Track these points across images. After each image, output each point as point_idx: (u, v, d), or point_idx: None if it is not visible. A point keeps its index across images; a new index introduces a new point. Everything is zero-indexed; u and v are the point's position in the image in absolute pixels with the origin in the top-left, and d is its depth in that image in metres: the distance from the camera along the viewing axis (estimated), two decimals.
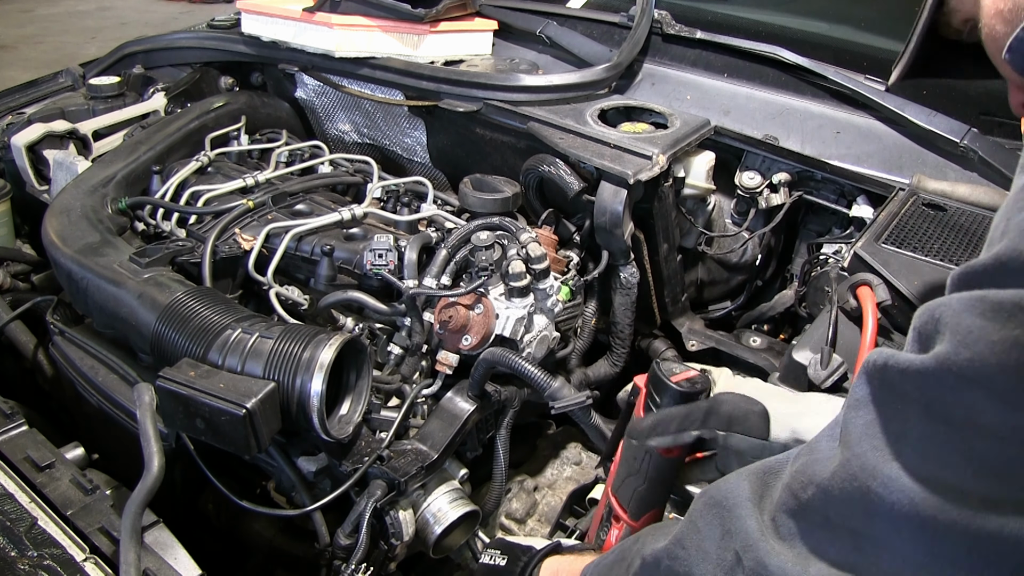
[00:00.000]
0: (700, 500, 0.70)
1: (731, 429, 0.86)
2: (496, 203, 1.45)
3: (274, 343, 1.07)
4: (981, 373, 0.48)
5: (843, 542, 0.56)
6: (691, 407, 0.89)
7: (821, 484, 0.57)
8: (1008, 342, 0.47)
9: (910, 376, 0.52)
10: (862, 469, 0.54)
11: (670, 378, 0.91)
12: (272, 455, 1.14)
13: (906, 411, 0.53)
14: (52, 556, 0.90)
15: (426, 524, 1.18)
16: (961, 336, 0.49)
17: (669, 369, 0.93)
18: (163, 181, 1.59)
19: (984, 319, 0.48)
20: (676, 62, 1.80)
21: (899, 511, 0.52)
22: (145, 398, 1.11)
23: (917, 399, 0.52)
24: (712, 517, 0.67)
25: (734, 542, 0.63)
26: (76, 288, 1.27)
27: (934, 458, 0.51)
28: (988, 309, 0.48)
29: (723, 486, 0.68)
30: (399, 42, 1.78)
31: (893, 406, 0.54)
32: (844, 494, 0.55)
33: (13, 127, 1.83)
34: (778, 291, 1.71)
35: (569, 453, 1.61)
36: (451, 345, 1.27)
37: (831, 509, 0.57)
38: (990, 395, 0.48)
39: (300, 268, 1.42)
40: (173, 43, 2.09)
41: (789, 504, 0.61)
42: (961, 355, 0.49)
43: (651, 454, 0.93)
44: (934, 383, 0.51)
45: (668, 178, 1.47)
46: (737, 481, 0.67)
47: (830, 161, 1.49)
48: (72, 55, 4.79)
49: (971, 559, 0.49)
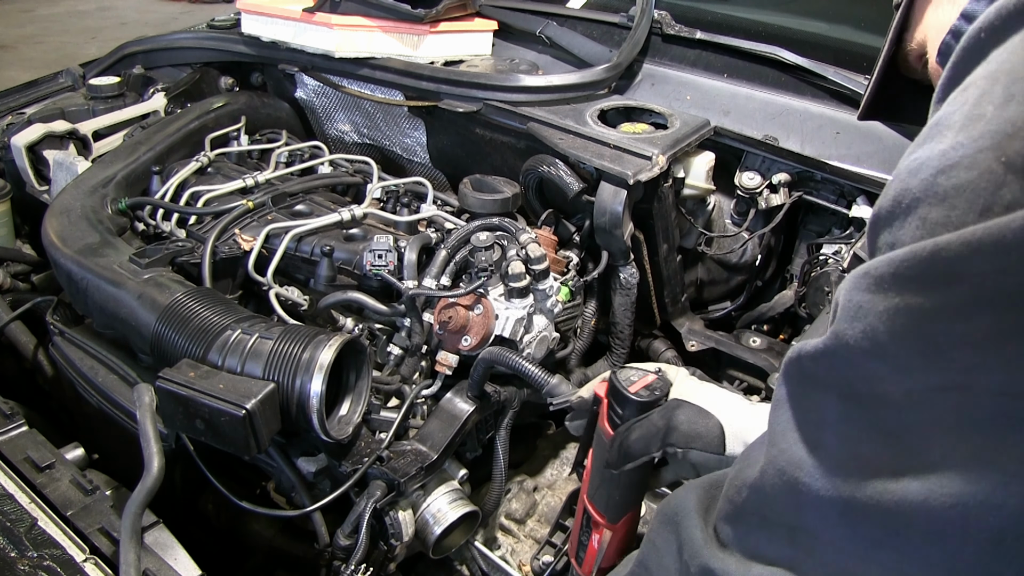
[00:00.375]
0: (656, 518, 0.71)
1: (689, 446, 0.89)
2: (496, 204, 1.45)
3: (274, 344, 1.07)
4: (875, 343, 0.49)
5: (779, 539, 0.57)
6: (649, 428, 0.91)
7: (753, 485, 0.58)
8: (892, 310, 0.48)
9: (817, 359, 0.53)
10: (789, 463, 0.55)
11: (628, 388, 0.92)
12: (272, 456, 1.14)
13: (821, 398, 0.53)
14: (52, 557, 0.90)
15: (426, 525, 1.18)
16: (852, 312, 0.50)
17: (627, 378, 0.94)
18: (163, 181, 1.59)
19: (869, 292, 0.49)
20: (676, 62, 1.80)
21: (824, 497, 0.52)
22: (145, 399, 1.11)
23: (828, 382, 0.53)
24: (667, 532, 0.68)
25: (685, 553, 0.64)
26: (76, 288, 1.27)
27: (851, 438, 0.52)
28: (872, 283, 0.49)
29: (673, 501, 0.69)
30: (399, 42, 1.78)
31: (810, 396, 0.55)
32: (775, 490, 0.56)
33: (13, 127, 1.83)
34: (778, 291, 1.71)
35: (569, 453, 1.61)
36: (451, 346, 1.27)
37: (766, 508, 0.58)
38: (886, 363, 0.49)
39: (300, 269, 1.42)
40: (173, 43, 2.09)
41: (727, 510, 0.62)
42: (855, 329, 0.50)
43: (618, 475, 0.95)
44: (837, 362, 0.52)
45: (668, 178, 1.47)
46: (686, 494, 0.68)
47: (830, 161, 1.49)
48: (72, 55, 4.79)
49: (886, 534, 0.50)
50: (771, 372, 1.53)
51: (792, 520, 0.56)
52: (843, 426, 0.52)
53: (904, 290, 0.48)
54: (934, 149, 0.49)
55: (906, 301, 0.48)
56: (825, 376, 0.53)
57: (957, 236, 0.45)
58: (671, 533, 0.67)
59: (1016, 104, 0.46)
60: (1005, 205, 0.45)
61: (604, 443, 0.97)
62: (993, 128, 0.47)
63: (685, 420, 0.90)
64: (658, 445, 0.90)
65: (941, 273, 0.46)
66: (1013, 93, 0.47)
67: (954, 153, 0.48)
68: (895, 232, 0.51)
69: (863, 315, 0.50)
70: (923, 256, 0.47)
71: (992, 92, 0.49)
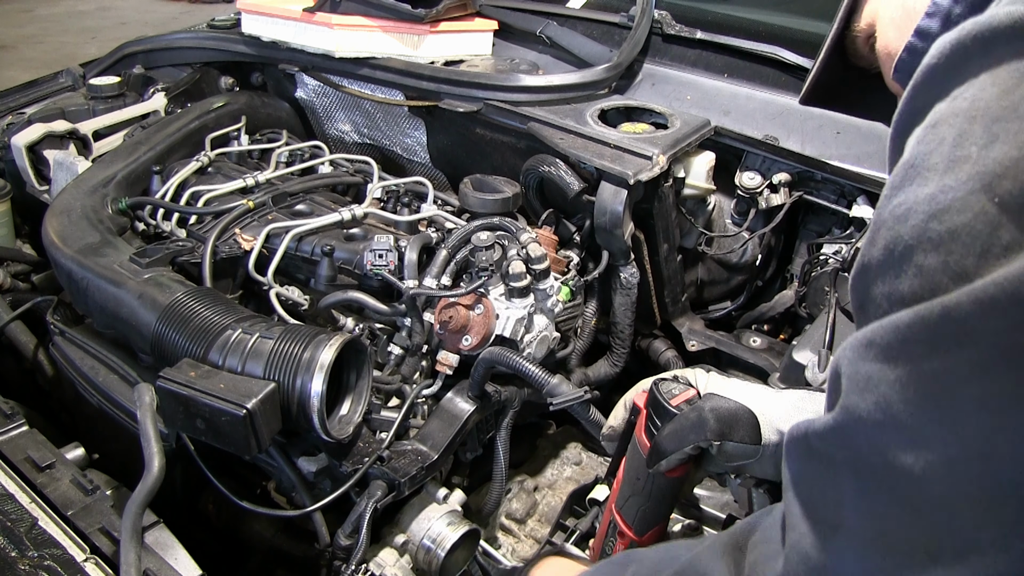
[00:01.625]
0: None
1: (724, 438, 0.87)
2: (496, 203, 1.45)
3: (274, 343, 1.07)
4: (889, 415, 0.47)
5: None
6: (682, 423, 0.90)
7: (778, 573, 0.56)
8: (904, 379, 0.46)
9: (827, 437, 0.52)
10: (813, 547, 0.53)
11: (670, 401, 0.92)
12: (272, 455, 1.14)
13: (836, 476, 0.52)
14: (52, 556, 0.90)
15: (428, 551, 1.16)
16: (861, 384, 0.49)
17: (669, 391, 0.93)
18: (163, 181, 1.59)
19: (877, 362, 0.48)
20: (676, 62, 1.80)
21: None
22: (145, 398, 1.11)
23: (842, 459, 0.51)
24: None
25: None
26: (76, 288, 1.27)
27: (873, 515, 0.49)
28: (879, 353, 0.48)
29: (699, 566, 0.66)
30: (399, 42, 1.78)
31: (823, 476, 0.53)
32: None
33: (13, 127, 1.83)
34: (778, 291, 1.71)
35: (569, 453, 1.61)
36: (451, 345, 1.27)
37: None
38: (901, 435, 0.47)
39: (300, 268, 1.42)
40: (173, 43, 2.09)
41: None
42: (866, 401, 0.48)
43: (654, 475, 0.94)
44: (849, 438, 0.50)
45: (668, 178, 1.47)
46: (713, 562, 0.65)
47: (830, 161, 1.49)
48: (72, 55, 4.79)
49: None
50: (771, 372, 1.53)
51: None
52: (863, 502, 0.50)
53: (914, 357, 0.46)
54: (919, 193, 0.48)
55: (918, 368, 0.46)
56: (837, 454, 0.51)
57: (966, 294, 0.44)
58: None
59: (1001, 144, 0.46)
60: (1004, 246, 0.44)
61: (639, 453, 0.96)
62: (981, 169, 0.46)
63: (718, 412, 0.88)
64: (692, 440, 0.88)
65: (953, 334, 0.44)
66: (997, 133, 0.46)
67: (943, 197, 0.47)
68: (891, 283, 0.49)
69: (873, 387, 0.48)
70: (932, 320, 0.45)
71: (972, 132, 0.47)
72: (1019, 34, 0.47)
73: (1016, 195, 0.44)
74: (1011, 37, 0.47)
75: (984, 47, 0.49)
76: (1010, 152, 0.45)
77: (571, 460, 1.60)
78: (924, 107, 0.53)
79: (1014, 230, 0.44)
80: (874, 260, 0.50)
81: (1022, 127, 0.45)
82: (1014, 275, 0.42)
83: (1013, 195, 0.44)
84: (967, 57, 0.50)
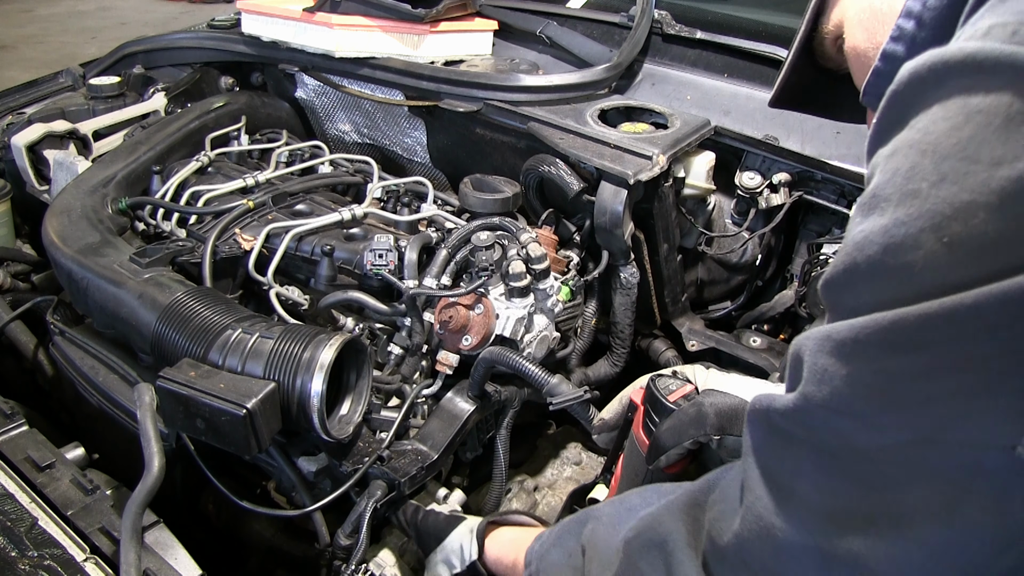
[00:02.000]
0: (637, 540, 0.72)
1: (724, 432, 0.88)
2: (496, 203, 1.45)
3: (274, 343, 1.07)
4: (842, 404, 0.52)
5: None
6: (681, 418, 0.91)
7: (732, 530, 0.61)
8: (855, 374, 0.51)
9: (788, 416, 0.56)
10: (765, 509, 0.58)
11: (667, 397, 0.92)
12: (272, 455, 1.14)
13: (794, 450, 0.56)
14: (52, 556, 0.90)
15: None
16: (818, 375, 0.53)
17: (666, 387, 0.93)
18: (163, 181, 1.59)
19: (832, 357, 0.52)
20: (676, 62, 1.80)
21: (800, 545, 0.55)
22: (145, 398, 1.11)
23: (800, 437, 0.55)
24: (654, 559, 0.69)
25: None
26: (76, 288, 1.27)
27: (826, 488, 0.54)
28: (835, 347, 0.52)
29: (659, 527, 0.70)
30: (399, 42, 1.78)
31: (782, 448, 0.57)
32: (753, 535, 0.59)
33: (13, 127, 1.83)
34: (778, 291, 1.71)
35: (569, 453, 1.61)
36: (451, 345, 1.27)
37: (745, 553, 0.60)
38: (856, 421, 0.52)
39: (300, 268, 1.42)
40: (173, 43, 2.09)
41: (711, 551, 0.64)
42: (822, 392, 0.53)
43: (653, 471, 0.94)
44: (809, 419, 0.54)
45: (668, 178, 1.47)
46: (672, 521, 0.69)
47: (830, 161, 1.49)
48: (72, 55, 4.79)
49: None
50: (771, 372, 1.53)
51: (771, 565, 0.58)
52: (818, 476, 0.55)
53: (866, 356, 0.50)
54: (876, 223, 0.51)
55: (870, 366, 0.50)
56: (796, 432, 0.56)
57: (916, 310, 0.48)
58: (660, 561, 0.68)
59: (949, 184, 0.48)
60: (953, 285, 0.47)
61: (637, 450, 0.96)
62: (931, 208, 0.48)
63: (717, 407, 0.89)
64: (692, 435, 0.89)
65: (903, 341, 0.49)
66: (945, 173, 0.48)
67: (897, 231, 0.50)
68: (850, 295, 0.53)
69: (828, 379, 0.52)
70: (884, 325, 0.49)
71: (923, 167, 0.50)
72: (969, 69, 0.49)
73: (964, 238, 0.47)
74: (961, 72, 0.49)
75: (938, 79, 0.51)
76: (959, 195, 0.47)
77: (571, 460, 1.60)
78: (888, 133, 0.55)
79: (962, 271, 0.47)
80: (835, 279, 0.54)
81: (969, 169, 0.47)
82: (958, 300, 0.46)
83: (962, 238, 0.47)
84: (924, 87, 0.52)
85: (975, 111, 0.48)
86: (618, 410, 1.10)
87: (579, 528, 0.82)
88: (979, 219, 0.46)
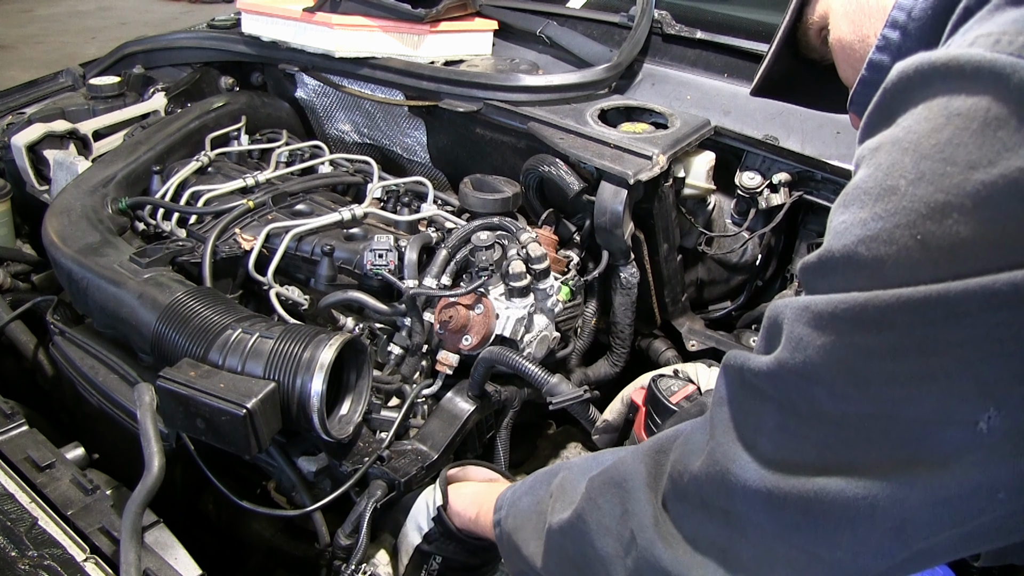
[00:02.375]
0: (599, 478, 0.76)
1: None
2: (496, 203, 1.45)
3: (274, 343, 1.07)
4: (814, 372, 0.55)
5: (717, 519, 0.63)
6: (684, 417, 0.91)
7: (693, 471, 0.65)
8: (828, 346, 0.54)
9: (762, 377, 0.59)
10: (724, 455, 0.62)
11: (669, 398, 0.91)
12: (272, 455, 1.14)
13: (762, 406, 0.60)
14: (52, 556, 0.90)
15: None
16: (794, 343, 0.56)
17: (668, 388, 0.93)
18: (163, 181, 1.59)
19: (809, 327, 0.55)
20: (676, 62, 1.80)
21: (751, 487, 0.59)
22: (145, 398, 1.11)
23: (771, 396, 0.59)
24: (612, 496, 0.73)
25: (631, 522, 0.70)
26: (76, 288, 1.27)
27: (786, 445, 0.58)
28: (812, 318, 0.55)
29: (621, 467, 0.74)
30: (399, 42, 1.78)
31: (750, 402, 0.61)
32: (710, 477, 0.63)
33: (13, 127, 1.82)
34: (778, 291, 1.71)
35: (569, 453, 1.61)
36: (451, 345, 1.27)
37: (703, 493, 0.64)
38: (824, 389, 0.55)
39: (300, 268, 1.42)
40: (173, 43, 2.09)
41: (671, 490, 0.68)
42: (796, 358, 0.56)
43: None
44: (781, 382, 0.58)
45: (668, 178, 1.47)
46: (634, 463, 0.73)
47: (830, 161, 1.49)
48: (72, 55, 4.80)
49: (805, 519, 0.57)
50: None
51: (725, 504, 0.62)
52: (780, 434, 0.59)
53: (839, 330, 0.53)
54: (855, 216, 0.54)
55: (842, 340, 0.53)
56: (767, 390, 0.59)
57: (890, 293, 0.51)
58: (617, 498, 0.72)
59: (927, 184, 0.50)
60: (924, 280, 0.49)
61: None
62: (907, 205, 0.50)
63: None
64: None
65: (874, 320, 0.51)
66: (923, 172, 0.50)
67: (873, 225, 0.52)
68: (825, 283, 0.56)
69: (803, 347, 0.55)
70: (859, 302, 0.52)
71: (903, 164, 0.52)
72: (952, 73, 0.51)
73: (937, 238, 0.49)
74: (946, 74, 0.51)
75: (924, 79, 0.53)
76: (935, 195, 0.49)
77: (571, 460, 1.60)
78: (876, 128, 0.57)
79: (932, 268, 0.49)
80: (813, 260, 0.57)
81: (946, 170, 0.49)
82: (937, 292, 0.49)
83: (935, 237, 0.49)
84: (911, 86, 0.54)
85: (955, 113, 0.50)
86: (620, 410, 1.09)
87: (550, 478, 0.85)
88: (952, 220, 0.48)
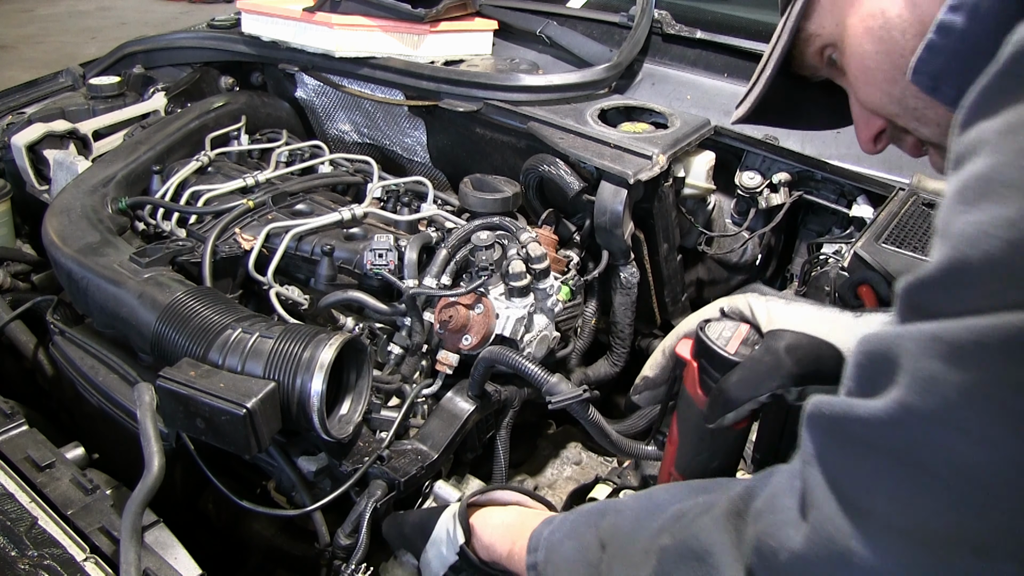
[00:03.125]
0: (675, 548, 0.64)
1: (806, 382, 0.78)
2: (496, 203, 1.45)
3: (274, 343, 1.07)
4: (952, 416, 0.44)
5: None
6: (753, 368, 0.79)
7: (795, 551, 0.52)
8: (975, 384, 0.43)
9: (875, 427, 0.48)
10: (838, 530, 0.49)
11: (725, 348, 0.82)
12: (272, 455, 1.14)
13: (873, 462, 0.48)
14: (52, 556, 0.90)
15: None
16: (924, 382, 0.45)
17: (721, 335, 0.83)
18: (163, 181, 1.59)
19: (945, 363, 0.44)
20: (676, 62, 1.80)
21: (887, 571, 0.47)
22: (145, 398, 1.11)
23: (884, 448, 0.48)
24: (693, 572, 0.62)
25: None
26: (76, 288, 1.27)
27: (914, 506, 0.46)
28: (948, 352, 0.44)
29: (702, 537, 0.62)
30: (399, 42, 1.78)
31: (857, 458, 0.49)
32: (823, 559, 0.50)
33: (13, 127, 1.82)
34: (778, 291, 1.71)
35: (569, 453, 1.61)
36: (451, 345, 1.27)
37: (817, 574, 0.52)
38: (965, 436, 0.44)
39: (300, 268, 1.42)
40: (173, 43, 2.09)
41: (763, 569, 0.56)
42: (928, 402, 0.45)
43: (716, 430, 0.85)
44: (902, 430, 0.47)
45: (668, 178, 1.47)
46: (715, 531, 0.62)
47: (830, 161, 1.49)
48: (72, 55, 4.79)
49: None
50: None
51: None
52: (903, 492, 0.47)
53: (986, 363, 0.43)
54: (995, 214, 0.43)
55: (991, 376, 0.43)
56: (881, 443, 0.48)
57: None
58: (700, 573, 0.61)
59: None
60: None
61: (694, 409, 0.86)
62: None
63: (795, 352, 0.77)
64: (768, 388, 0.77)
65: None
66: None
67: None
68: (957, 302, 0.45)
69: (938, 387, 0.44)
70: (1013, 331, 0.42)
71: None
72: None
73: None
74: None
75: None
76: None
77: (571, 460, 1.60)
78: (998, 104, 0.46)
79: None
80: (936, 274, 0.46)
81: None
82: None
83: None
84: None
85: None
86: (662, 363, 0.99)
87: (598, 519, 0.75)
88: None
